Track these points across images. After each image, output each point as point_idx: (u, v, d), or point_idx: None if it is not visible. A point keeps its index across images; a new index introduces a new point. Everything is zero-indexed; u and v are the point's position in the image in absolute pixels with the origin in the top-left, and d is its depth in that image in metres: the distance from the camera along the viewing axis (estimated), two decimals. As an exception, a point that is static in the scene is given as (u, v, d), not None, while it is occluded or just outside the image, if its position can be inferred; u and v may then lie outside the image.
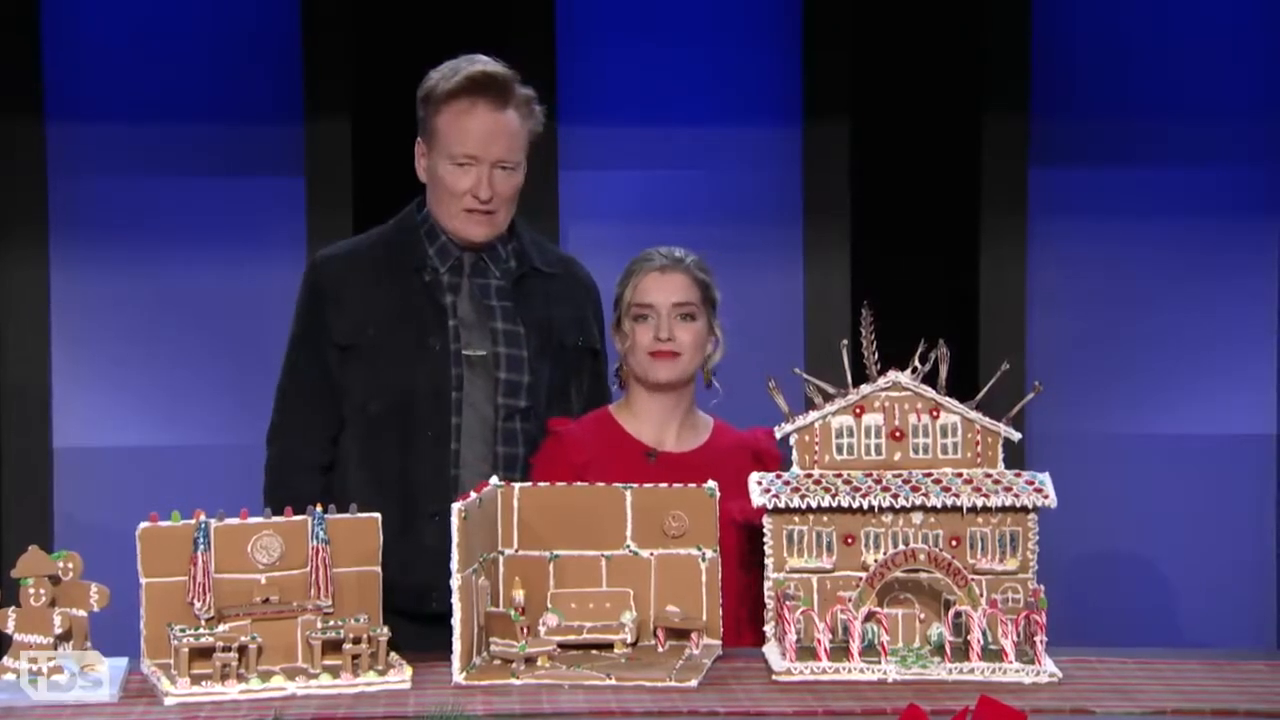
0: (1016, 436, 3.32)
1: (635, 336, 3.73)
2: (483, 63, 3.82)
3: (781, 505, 3.25)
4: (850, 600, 3.17)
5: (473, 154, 3.76)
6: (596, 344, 3.96)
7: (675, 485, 3.41)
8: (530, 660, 3.14)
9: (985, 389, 3.33)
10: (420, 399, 3.76)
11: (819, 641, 3.13)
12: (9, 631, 3.10)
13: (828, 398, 3.33)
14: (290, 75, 5.42)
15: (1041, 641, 3.13)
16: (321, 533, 3.18)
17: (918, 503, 3.25)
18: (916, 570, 3.21)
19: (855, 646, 3.13)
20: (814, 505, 3.25)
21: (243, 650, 3.04)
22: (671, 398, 3.75)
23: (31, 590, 3.10)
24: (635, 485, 3.39)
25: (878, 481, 3.28)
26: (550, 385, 3.84)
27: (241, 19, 5.44)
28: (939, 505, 3.25)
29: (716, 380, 3.81)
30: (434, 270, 3.83)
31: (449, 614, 3.08)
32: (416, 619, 3.51)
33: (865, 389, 3.31)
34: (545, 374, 3.83)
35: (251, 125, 5.44)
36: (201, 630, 3.08)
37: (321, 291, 3.86)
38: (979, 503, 3.24)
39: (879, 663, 3.12)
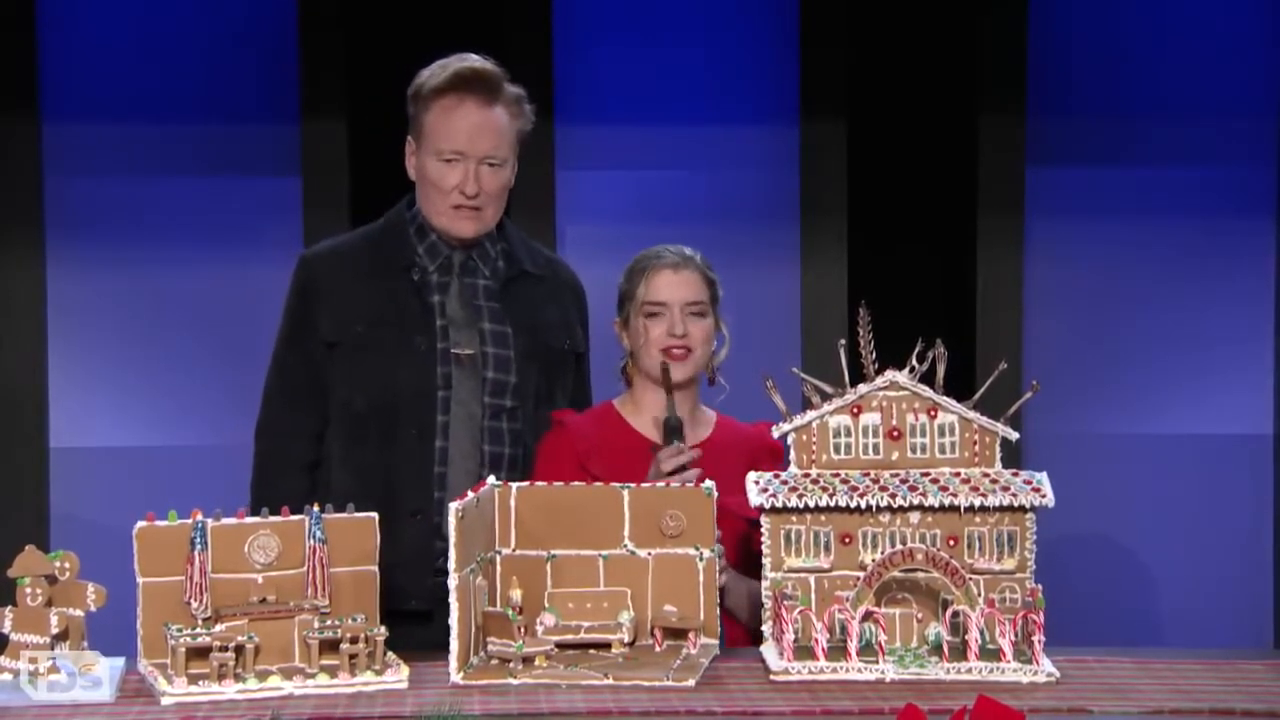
0: (1014, 436, 3.32)
1: (648, 333, 3.73)
2: (471, 60, 3.83)
3: (779, 505, 3.25)
4: (848, 600, 3.17)
5: (459, 149, 3.77)
6: (581, 347, 3.99)
7: (672, 485, 3.41)
8: (528, 660, 3.14)
9: (983, 389, 3.33)
10: (405, 397, 3.77)
11: (816, 641, 3.13)
12: (6, 631, 3.10)
13: (825, 397, 3.32)
14: (286, 75, 5.41)
15: (1039, 641, 3.13)
16: (319, 532, 3.18)
17: (915, 502, 3.25)
18: (914, 570, 3.21)
19: (853, 646, 3.13)
20: (811, 505, 3.25)
21: (240, 650, 3.04)
22: (677, 395, 3.76)
23: (28, 590, 3.10)
24: (632, 485, 3.39)
25: (875, 481, 3.27)
26: (536, 386, 3.85)
27: (237, 18, 5.43)
28: (937, 505, 3.24)
29: (721, 377, 3.82)
30: (423, 269, 3.84)
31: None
32: (395, 616, 3.48)
33: (863, 388, 3.31)
34: (531, 375, 3.84)
35: (248, 125, 5.43)
36: (198, 630, 3.08)
37: (309, 289, 3.87)
38: (977, 502, 3.24)
39: (876, 662, 3.12)
